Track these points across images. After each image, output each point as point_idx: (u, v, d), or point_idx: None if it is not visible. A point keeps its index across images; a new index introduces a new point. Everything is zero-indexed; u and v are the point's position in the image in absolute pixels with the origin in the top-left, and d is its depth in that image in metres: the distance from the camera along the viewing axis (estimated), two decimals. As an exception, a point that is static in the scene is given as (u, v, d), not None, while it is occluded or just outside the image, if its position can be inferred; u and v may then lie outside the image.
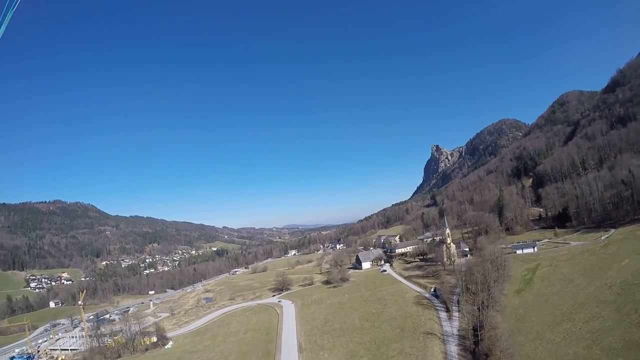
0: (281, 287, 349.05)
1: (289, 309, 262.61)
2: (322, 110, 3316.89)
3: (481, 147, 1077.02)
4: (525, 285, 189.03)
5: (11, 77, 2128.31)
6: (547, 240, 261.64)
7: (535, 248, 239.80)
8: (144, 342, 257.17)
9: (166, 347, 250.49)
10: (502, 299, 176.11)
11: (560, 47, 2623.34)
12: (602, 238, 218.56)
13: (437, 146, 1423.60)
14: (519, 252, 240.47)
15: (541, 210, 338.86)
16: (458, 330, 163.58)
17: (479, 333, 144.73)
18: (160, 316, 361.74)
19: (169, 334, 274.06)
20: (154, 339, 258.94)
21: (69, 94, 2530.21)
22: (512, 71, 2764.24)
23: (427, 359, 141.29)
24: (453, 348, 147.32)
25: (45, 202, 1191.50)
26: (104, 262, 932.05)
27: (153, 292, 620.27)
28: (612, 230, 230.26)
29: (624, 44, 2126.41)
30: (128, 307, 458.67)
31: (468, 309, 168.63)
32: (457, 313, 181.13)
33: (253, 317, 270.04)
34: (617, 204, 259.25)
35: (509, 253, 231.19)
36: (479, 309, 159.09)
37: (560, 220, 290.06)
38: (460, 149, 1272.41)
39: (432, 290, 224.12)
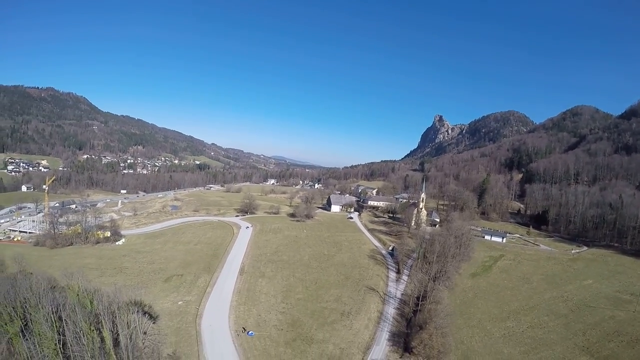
0: (246, 210, 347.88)
1: (245, 232, 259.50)
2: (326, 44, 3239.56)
3: (483, 130, 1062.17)
4: (482, 271, 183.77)
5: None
6: (518, 235, 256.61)
7: (504, 239, 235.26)
8: (98, 235, 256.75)
9: (117, 243, 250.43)
10: (455, 277, 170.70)
11: (591, 64, 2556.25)
12: (573, 252, 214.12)
13: (440, 116, 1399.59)
14: (487, 237, 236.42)
15: (522, 206, 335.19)
16: (402, 294, 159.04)
17: (420, 303, 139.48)
18: (124, 215, 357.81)
19: (125, 232, 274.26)
20: (108, 234, 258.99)
21: None
22: (537, 67, 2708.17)
23: (361, 313, 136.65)
24: (391, 310, 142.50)
25: (38, 87, 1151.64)
26: (85, 156, 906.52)
27: (125, 191, 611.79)
28: (585, 248, 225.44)
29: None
30: (96, 202, 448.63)
31: (419, 276, 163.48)
32: (407, 277, 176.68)
33: (209, 231, 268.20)
34: (597, 224, 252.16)
35: (477, 236, 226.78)
36: (429, 279, 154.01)
37: (537, 222, 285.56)
38: (463, 126, 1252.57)
39: (390, 248, 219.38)
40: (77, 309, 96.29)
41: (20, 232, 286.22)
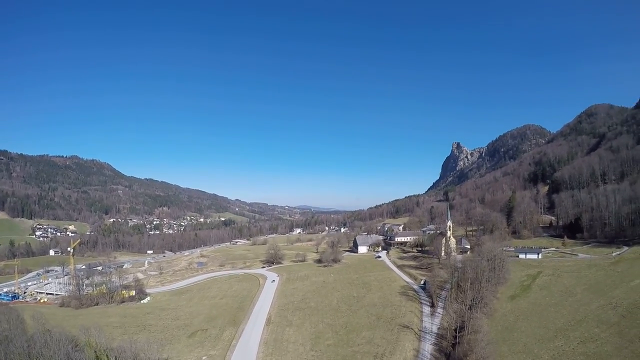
0: (272, 260, 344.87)
1: (272, 282, 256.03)
2: (342, 95, 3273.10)
3: (502, 150, 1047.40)
4: (521, 292, 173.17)
5: (34, 31, 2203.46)
6: (554, 249, 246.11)
7: (540, 255, 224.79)
8: (123, 294, 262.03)
9: (142, 301, 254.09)
10: (493, 302, 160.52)
11: (595, 60, 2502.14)
12: (613, 254, 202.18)
13: (458, 144, 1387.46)
14: (521, 256, 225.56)
15: (552, 218, 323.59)
16: (438, 328, 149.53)
17: (458, 335, 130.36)
18: (150, 274, 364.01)
19: (150, 291, 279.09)
20: (133, 293, 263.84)
21: (93, 50, 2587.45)
22: (543, 78, 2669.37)
23: (396, 354, 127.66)
24: (427, 347, 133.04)
25: (62, 156, 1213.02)
26: (112, 219, 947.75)
27: (151, 251, 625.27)
28: (625, 248, 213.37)
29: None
30: (123, 263, 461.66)
31: (454, 307, 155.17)
32: (442, 310, 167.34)
33: (235, 284, 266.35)
34: (634, 220, 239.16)
35: (511, 256, 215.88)
36: (466, 308, 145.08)
37: (571, 231, 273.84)
38: (481, 149, 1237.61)
39: (422, 282, 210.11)
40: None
41: (47, 294, 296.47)
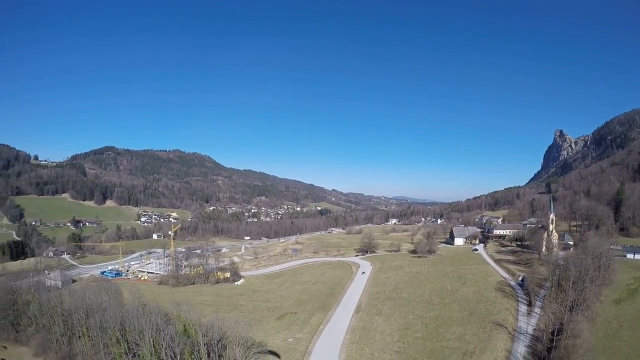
0: (366, 249, 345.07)
1: (364, 270, 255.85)
2: (438, 95, 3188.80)
3: (609, 137, 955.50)
4: (627, 296, 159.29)
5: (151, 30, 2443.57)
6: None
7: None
8: (218, 275, 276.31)
9: (236, 283, 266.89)
10: (596, 305, 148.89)
11: None
12: None
13: (560, 131, 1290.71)
14: (629, 256, 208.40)
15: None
16: (534, 329, 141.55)
17: (555, 338, 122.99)
18: (246, 258, 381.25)
19: (245, 274, 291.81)
20: (227, 275, 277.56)
21: (199, 53, 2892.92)
22: None
23: (486, 353, 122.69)
24: (521, 348, 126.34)
25: (166, 150, 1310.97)
26: (212, 207, 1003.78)
27: (248, 237, 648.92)
28: None
29: None
30: (221, 247, 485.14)
31: (553, 307, 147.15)
32: (540, 310, 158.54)
33: (328, 271, 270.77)
34: None
35: (617, 255, 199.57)
36: (565, 309, 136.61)
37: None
38: (586, 137, 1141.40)
39: (520, 279, 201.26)
40: (177, 338, 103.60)
41: (148, 272, 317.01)
